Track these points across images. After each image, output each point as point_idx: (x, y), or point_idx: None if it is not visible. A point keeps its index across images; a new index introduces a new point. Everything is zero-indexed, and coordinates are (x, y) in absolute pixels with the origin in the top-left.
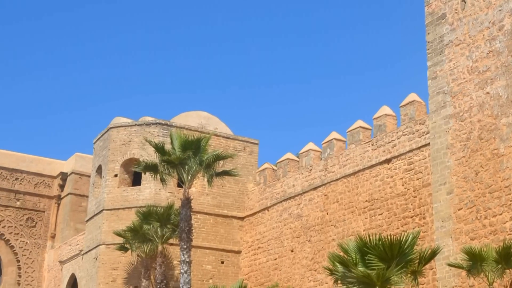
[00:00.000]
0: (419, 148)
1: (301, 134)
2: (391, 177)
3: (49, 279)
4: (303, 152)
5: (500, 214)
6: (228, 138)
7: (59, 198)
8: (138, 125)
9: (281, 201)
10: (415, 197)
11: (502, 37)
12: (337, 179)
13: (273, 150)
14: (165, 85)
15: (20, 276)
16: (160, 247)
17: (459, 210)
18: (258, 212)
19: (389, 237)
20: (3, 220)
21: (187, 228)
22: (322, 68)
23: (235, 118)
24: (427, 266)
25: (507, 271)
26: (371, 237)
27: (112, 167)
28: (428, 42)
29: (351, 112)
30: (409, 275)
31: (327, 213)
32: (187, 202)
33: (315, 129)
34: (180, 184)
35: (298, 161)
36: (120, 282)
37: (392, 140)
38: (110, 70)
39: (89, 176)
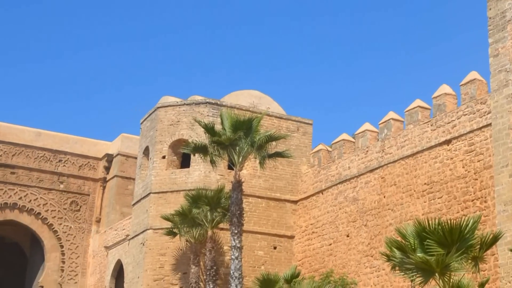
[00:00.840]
0: (480, 128)
1: (357, 114)
2: (451, 158)
3: (94, 265)
4: (359, 133)
5: None
6: (281, 118)
7: (104, 180)
8: (187, 104)
9: (336, 184)
10: (476, 179)
11: None
12: (394, 161)
13: (327, 130)
14: (215, 63)
15: (63, 262)
16: (209, 232)
17: None
18: (312, 195)
19: (448, 222)
20: (46, 203)
21: (238, 212)
22: (379, 45)
23: (288, 97)
24: (488, 251)
25: None
26: (430, 222)
27: (160, 149)
28: (490, 18)
29: (409, 91)
30: (469, 261)
31: (384, 197)
32: (238, 185)
33: (371, 108)
34: (230, 166)
35: (353, 142)
36: (168, 268)
37: (452, 120)
38: (158, 48)
39: (136, 158)
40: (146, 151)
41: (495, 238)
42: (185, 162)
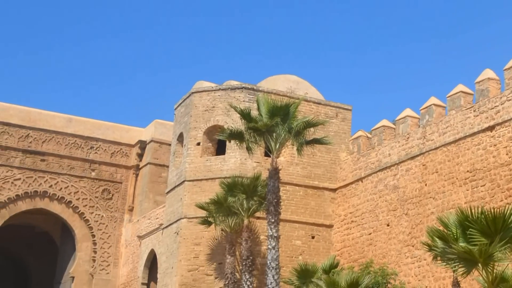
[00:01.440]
0: None
1: (397, 99)
2: (495, 145)
3: (126, 255)
4: (400, 119)
5: None
6: (319, 103)
7: (137, 168)
8: (222, 89)
9: (376, 172)
10: None
11: None
12: (436, 148)
13: (367, 116)
14: (251, 47)
15: (95, 252)
16: (246, 221)
17: None
18: (351, 183)
19: (492, 210)
20: (77, 192)
21: (275, 200)
22: (421, 28)
23: (326, 82)
24: None
25: None
26: (472, 210)
27: (195, 135)
28: None
29: (451, 76)
30: None
31: (426, 185)
32: (275, 172)
33: (412, 93)
34: (267, 153)
35: (394, 129)
36: (203, 258)
37: (495, 106)
38: (193, 31)
39: (170, 145)
40: (180, 138)
41: None
42: (220, 149)
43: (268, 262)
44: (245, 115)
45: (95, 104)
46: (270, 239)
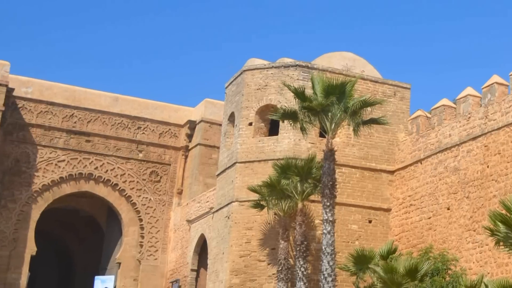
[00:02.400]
0: None
1: (458, 78)
2: None
3: (175, 240)
4: (461, 98)
5: None
6: (377, 82)
7: (186, 149)
8: (275, 67)
9: (435, 153)
10: None
11: None
12: (499, 128)
13: (426, 95)
14: (305, 23)
15: (142, 237)
16: (300, 205)
17: None
18: (410, 165)
19: None
20: (124, 174)
21: (331, 183)
22: (483, 3)
23: (384, 59)
24: None
25: None
26: None
27: (246, 115)
28: None
29: None
30: None
31: (488, 166)
32: (330, 154)
33: (474, 71)
34: (322, 133)
35: (455, 108)
36: (255, 243)
37: None
38: (244, 7)
39: (220, 125)
40: (232, 118)
41: None
42: (273, 129)
43: (323, 247)
44: (299, 94)
45: (143, 82)
46: (325, 223)
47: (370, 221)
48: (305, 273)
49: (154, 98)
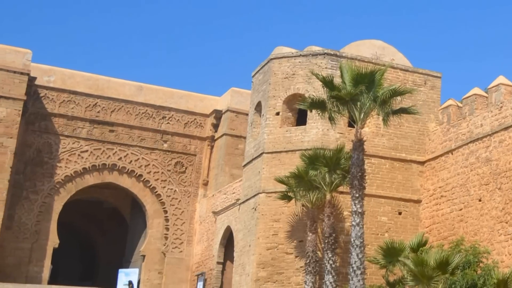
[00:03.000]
0: None
1: (490, 66)
2: None
3: (201, 232)
4: (493, 87)
5: None
6: (407, 70)
7: (212, 139)
8: (303, 55)
9: (467, 143)
10: None
11: None
12: None
13: (458, 84)
14: (333, 10)
15: (167, 229)
16: (328, 196)
17: None
18: (441, 155)
19: None
20: (149, 165)
21: (360, 174)
22: None
23: (414, 47)
24: None
25: None
26: None
27: (273, 104)
28: None
29: None
30: None
31: None
32: (359, 144)
33: (506, 60)
34: (351, 123)
35: (486, 97)
36: (282, 236)
37: None
38: None
39: (247, 114)
40: (258, 107)
41: None
42: (301, 119)
43: (352, 239)
44: (328, 83)
45: (168, 71)
46: (354, 215)
47: (400, 213)
48: (333, 266)
49: (179, 87)
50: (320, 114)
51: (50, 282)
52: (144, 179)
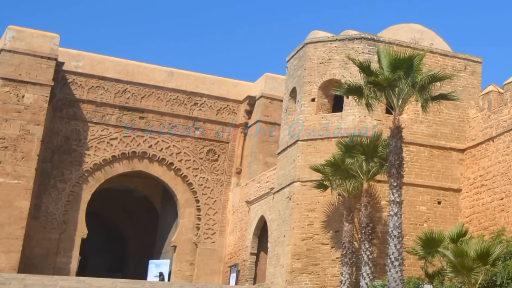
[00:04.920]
0: None
1: None
2: None
3: (234, 222)
4: None
5: None
6: (446, 55)
7: (245, 126)
8: (339, 40)
9: (508, 130)
10: None
11: None
12: None
13: (499, 69)
14: None
15: (199, 219)
16: (365, 185)
17: None
18: (482, 143)
19: None
20: (180, 152)
21: (398, 162)
22: None
23: (454, 31)
24: None
25: None
26: None
27: (309, 90)
28: None
29: None
30: None
31: None
32: (397, 131)
33: None
34: (389, 110)
35: None
36: (318, 226)
37: None
38: None
39: (281, 101)
40: (293, 93)
41: None
42: (337, 105)
43: (389, 230)
44: (365, 68)
45: (199, 56)
46: (392, 204)
47: (439, 202)
48: (370, 257)
49: (211, 73)
50: (357, 100)
51: (78, 273)
52: (175, 167)
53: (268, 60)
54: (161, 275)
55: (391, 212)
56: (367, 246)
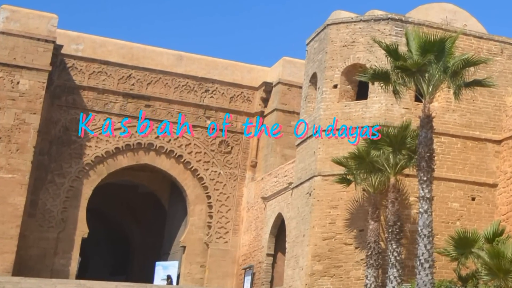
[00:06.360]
0: None
1: None
2: None
3: (248, 221)
4: None
5: None
6: (481, 38)
7: (261, 115)
8: (364, 21)
9: None
10: None
11: None
12: None
13: None
14: None
15: (211, 217)
16: (392, 179)
17: None
18: None
19: None
20: (189, 144)
21: (428, 154)
22: None
23: (489, 11)
24: None
25: None
26: None
27: (331, 76)
28: None
29: None
30: None
31: None
32: (427, 120)
33: None
34: (418, 97)
35: None
36: (340, 224)
37: None
38: None
39: (301, 87)
40: (313, 79)
41: None
42: (361, 92)
43: (419, 228)
44: (392, 51)
45: (211, 38)
46: (421, 201)
47: (473, 199)
48: (398, 258)
49: (224, 57)
50: (383, 87)
51: (78, 276)
52: (185, 160)
53: (286, 43)
54: (169, 278)
55: (420, 209)
56: (394, 247)
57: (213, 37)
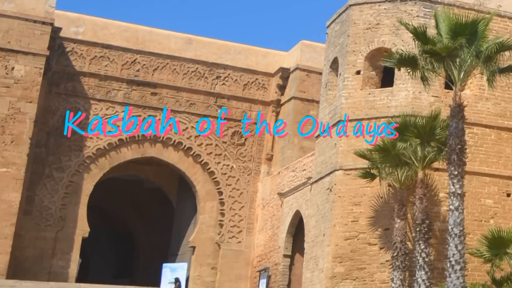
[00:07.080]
0: None
1: None
2: None
3: (264, 218)
4: None
5: None
6: None
7: (278, 104)
8: (389, 1)
9: None
10: None
11: None
12: None
13: None
14: None
15: (223, 215)
16: (420, 174)
17: None
18: None
19: None
20: (199, 135)
21: (459, 146)
22: None
23: None
24: None
25: None
26: None
27: (353, 61)
28: None
29: None
30: None
31: None
32: (458, 110)
33: None
34: (448, 84)
35: None
36: (364, 223)
37: None
38: None
39: (320, 74)
40: (335, 64)
41: None
42: (387, 79)
43: (449, 227)
44: (420, 34)
45: (222, 20)
46: (452, 197)
47: (508, 195)
48: (426, 259)
49: (237, 40)
50: (410, 73)
51: (79, 279)
52: (194, 153)
53: (304, 25)
54: (177, 281)
55: (451, 207)
56: (422, 247)
57: (225, 18)
